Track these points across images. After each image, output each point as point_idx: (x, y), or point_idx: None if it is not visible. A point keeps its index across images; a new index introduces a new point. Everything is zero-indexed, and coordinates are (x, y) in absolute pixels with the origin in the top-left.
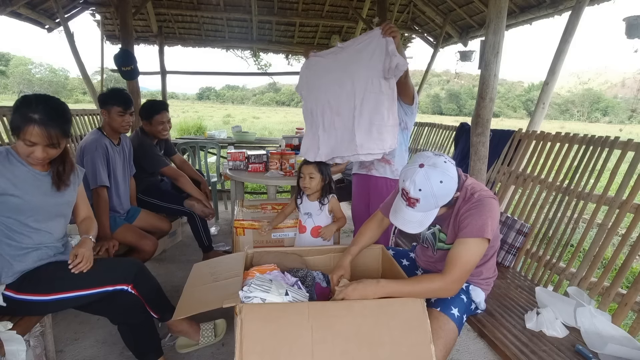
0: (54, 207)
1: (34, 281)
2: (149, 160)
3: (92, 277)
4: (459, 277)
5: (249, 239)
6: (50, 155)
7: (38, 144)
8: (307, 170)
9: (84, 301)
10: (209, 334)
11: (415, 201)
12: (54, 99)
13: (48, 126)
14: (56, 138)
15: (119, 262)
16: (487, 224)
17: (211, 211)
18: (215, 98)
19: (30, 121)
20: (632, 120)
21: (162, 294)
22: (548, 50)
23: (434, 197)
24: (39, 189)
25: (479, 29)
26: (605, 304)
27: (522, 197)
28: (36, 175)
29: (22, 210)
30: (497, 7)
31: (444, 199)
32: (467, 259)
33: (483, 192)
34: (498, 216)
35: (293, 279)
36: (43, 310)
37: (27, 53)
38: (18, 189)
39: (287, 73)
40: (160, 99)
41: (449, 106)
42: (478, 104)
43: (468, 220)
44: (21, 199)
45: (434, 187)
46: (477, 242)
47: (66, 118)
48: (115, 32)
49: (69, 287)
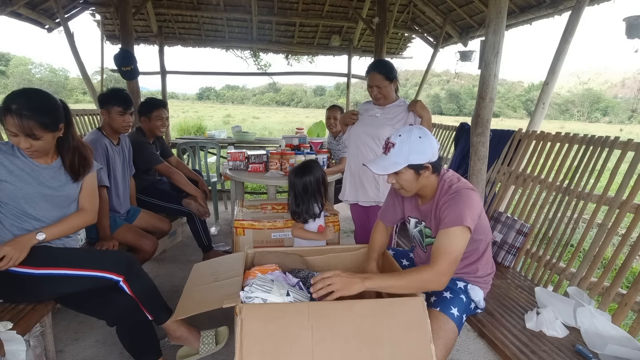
0: (50, 198)
1: (29, 254)
2: (142, 158)
3: (83, 259)
4: (446, 268)
5: (249, 239)
6: (36, 146)
7: (19, 134)
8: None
9: (75, 285)
10: (210, 341)
11: (391, 146)
12: (39, 93)
13: (22, 117)
14: (30, 129)
15: (113, 252)
16: (465, 213)
17: (206, 210)
18: (215, 98)
19: (8, 111)
20: (632, 120)
21: (157, 294)
22: (548, 50)
23: (408, 146)
24: (35, 179)
25: (479, 29)
26: (605, 304)
27: (522, 197)
28: (34, 166)
29: (15, 197)
30: (497, 7)
31: (415, 156)
32: (450, 249)
33: (460, 183)
34: (477, 205)
35: (295, 279)
36: (32, 287)
37: (27, 53)
38: (13, 176)
39: (287, 73)
40: (159, 98)
41: (449, 106)
42: (478, 104)
43: (447, 212)
44: (14, 186)
45: (412, 138)
46: (457, 230)
47: (45, 111)
48: (115, 32)
49: (58, 264)
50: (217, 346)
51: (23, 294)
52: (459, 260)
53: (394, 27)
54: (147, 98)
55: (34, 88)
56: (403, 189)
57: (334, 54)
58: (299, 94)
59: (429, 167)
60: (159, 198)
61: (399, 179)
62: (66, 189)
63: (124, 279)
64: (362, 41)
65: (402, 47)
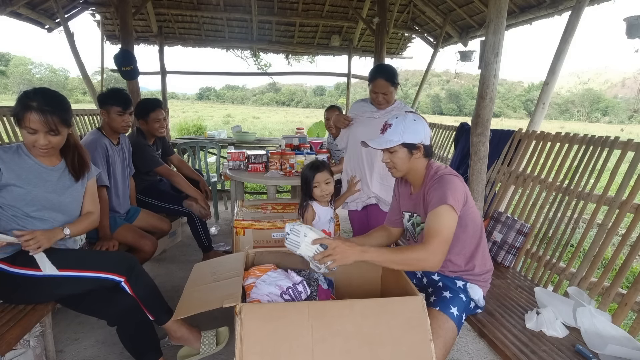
0: (56, 200)
1: (30, 256)
2: (142, 160)
3: (86, 260)
4: (438, 247)
5: (249, 239)
6: (53, 143)
7: (39, 131)
8: (324, 177)
9: (76, 286)
10: (211, 342)
11: (388, 126)
12: (53, 91)
13: (45, 112)
14: (54, 124)
15: (114, 253)
16: (447, 194)
17: (208, 212)
18: (215, 98)
19: (29, 108)
20: (632, 121)
21: (158, 294)
22: (548, 50)
23: (403, 126)
24: (43, 181)
25: (479, 29)
26: (605, 304)
27: (522, 197)
28: (42, 168)
29: (25, 200)
30: (497, 7)
31: (410, 135)
32: (439, 227)
33: (445, 170)
34: (460, 189)
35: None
36: (35, 288)
37: (27, 53)
38: (22, 180)
39: (287, 73)
40: (154, 97)
41: (449, 106)
42: (478, 104)
43: (431, 195)
44: (24, 189)
45: (407, 120)
46: (442, 209)
47: (64, 106)
48: (115, 32)
49: (63, 265)
50: (217, 346)
51: (24, 295)
52: (450, 239)
53: (394, 27)
54: (142, 100)
55: (44, 87)
56: (395, 167)
57: (334, 54)
58: (299, 94)
59: (421, 147)
60: (159, 199)
61: (392, 157)
62: (71, 192)
63: (126, 279)
64: (362, 41)
65: (402, 47)
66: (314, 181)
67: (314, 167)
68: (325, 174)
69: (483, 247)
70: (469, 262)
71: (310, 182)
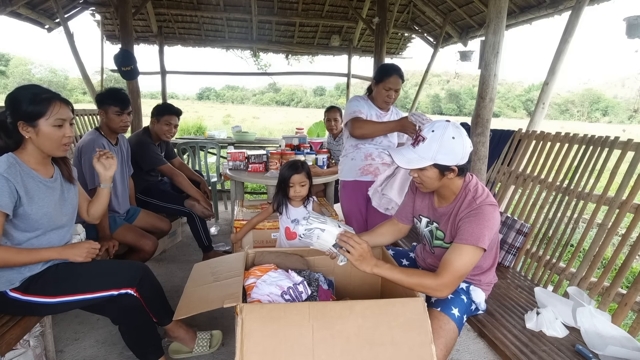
0: (62, 213)
1: (41, 283)
2: (146, 158)
3: (98, 281)
4: (450, 282)
5: (249, 239)
6: (70, 133)
7: (66, 120)
8: (300, 179)
9: (89, 303)
10: (204, 344)
11: (421, 139)
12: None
13: (64, 100)
14: (73, 112)
15: (124, 266)
16: (484, 234)
17: (211, 212)
18: (215, 98)
19: (53, 99)
20: (632, 120)
21: (163, 299)
22: (548, 50)
23: (438, 144)
24: (50, 196)
25: (479, 29)
26: (605, 304)
27: (522, 197)
28: (43, 182)
29: (39, 222)
30: (497, 7)
31: (444, 156)
32: (459, 265)
33: (485, 198)
34: (497, 225)
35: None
36: (49, 311)
37: (27, 53)
38: (32, 200)
39: (287, 73)
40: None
41: (449, 106)
42: (478, 104)
43: (466, 227)
44: (36, 206)
45: (444, 137)
46: (472, 250)
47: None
48: (115, 32)
49: (75, 290)
50: (210, 349)
51: (37, 314)
52: (465, 276)
53: (394, 27)
54: (165, 103)
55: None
56: (422, 184)
57: (334, 54)
58: (298, 94)
59: (455, 170)
60: (160, 198)
61: (421, 174)
62: (72, 198)
63: (136, 289)
64: (362, 41)
65: (402, 47)
66: (290, 181)
67: (292, 167)
68: (302, 176)
69: (495, 264)
70: (478, 275)
71: (287, 181)
